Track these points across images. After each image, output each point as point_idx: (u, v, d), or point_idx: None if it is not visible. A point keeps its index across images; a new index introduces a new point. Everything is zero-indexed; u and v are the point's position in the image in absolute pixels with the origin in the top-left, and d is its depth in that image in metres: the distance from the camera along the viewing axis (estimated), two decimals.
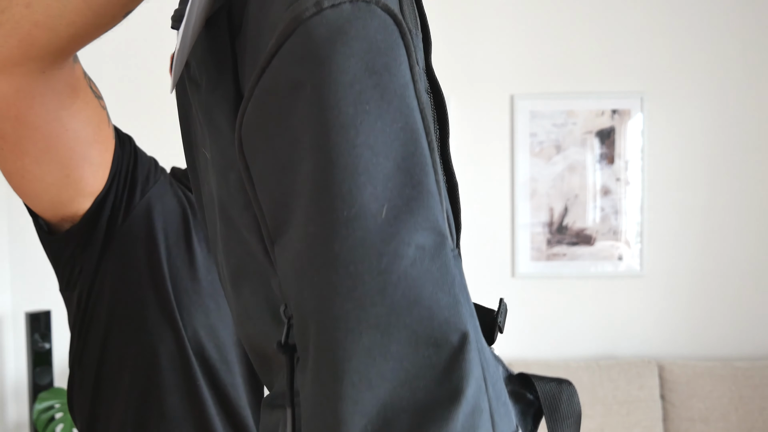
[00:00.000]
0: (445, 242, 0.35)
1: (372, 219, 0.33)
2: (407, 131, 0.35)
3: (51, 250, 0.78)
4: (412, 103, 0.35)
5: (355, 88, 0.34)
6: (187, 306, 0.79)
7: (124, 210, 0.77)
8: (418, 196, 0.34)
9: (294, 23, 0.34)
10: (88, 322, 0.79)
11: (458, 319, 0.33)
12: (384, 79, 0.34)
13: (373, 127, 0.34)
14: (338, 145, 0.33)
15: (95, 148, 0.71)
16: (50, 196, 0.70)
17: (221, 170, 0.44)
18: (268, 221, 0.37)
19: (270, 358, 0.43)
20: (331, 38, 0.34)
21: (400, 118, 0.34)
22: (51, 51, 0.55)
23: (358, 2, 0.34)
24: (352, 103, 0.33)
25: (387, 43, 0.35)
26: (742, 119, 2.62)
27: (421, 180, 0.34)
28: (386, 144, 0.34)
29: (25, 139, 0.63)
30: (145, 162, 0.81)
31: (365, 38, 0.34)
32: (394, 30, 0.35)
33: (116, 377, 0.79)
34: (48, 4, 0.51)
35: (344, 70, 0.34)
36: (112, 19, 0.54)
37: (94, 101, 0.69)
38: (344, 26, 0.34)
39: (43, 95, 0.60)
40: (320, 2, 0.34)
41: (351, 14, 0.34)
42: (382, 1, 0.35)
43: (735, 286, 2.63)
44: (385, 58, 0.35)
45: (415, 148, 0.35)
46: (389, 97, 0.34)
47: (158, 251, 0.79)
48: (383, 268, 0.33)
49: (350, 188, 0.33)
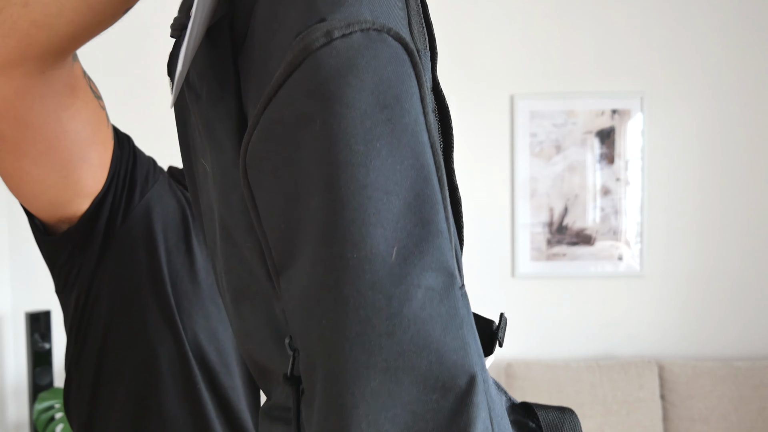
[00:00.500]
0: (453, 282, 0.34)
1: (381, 261, 0.32)
2: (417, 168, 0.34)
3: (47, 252, 0.77)
4: (422, 137, 0.35)
5: (366, 124, 0.33)
6: (188, 309, 0.79)
7: (123, 211, 0.76)
8: (427, 237, 0.33)
9: (303, 53, 0.33)
10: (86, 325, 0.78)
11: (466, 362, 0.33)
12: (395, 114, 0.34)
13: (384, 165, 0.33)
14: (348, 185, 0.32)
15: (94, 149, 0.70)
16: (48, 197, 0.69)
17: (223, 189, 0.43)
18: (273, 252, 0.37)
19: (270, 372, 0.42)
20: (342, 71, 0.33)
21: (411, 155, 0.34)
22: (50, 51, 0.54)
23: (369, 31, 0.34)
24: (362, 141, 0.33)
25: (398, 75, 0.34)
26: (742, 119, 2.62)
27: (431, 219, 0.34)
28: (396, 183, 0.33)
29: (24, 140, 0.62)
30: (144, 162, 0.80)
31: (376, 70, 0.34)
32: (405, 60, 0.35)
33: (115, 381, 0.78)
34: (46, 3, 0.50)
35: (355, 105, 0.33)
36: (112, 16, 0.53)
37: (94, 102, 0.69)
38: (355, 58, 0.33)
39: (43, 96, 0.59)
40: (330, 32, 0.33)
41: (362, 44, 0.34)
42: (394, 30, 0.35)
43: (735, 286, 2.63)
44: (396, 90, 0.34)
45: (426, 185, 0.34)
46: (400, 133, 0.34)
47: (158, 253, 0.78)
48: (393, 311, 0.32)
49: (360, 230, 0.32)
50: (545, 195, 2.62)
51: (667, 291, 2.63)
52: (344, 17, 0.34)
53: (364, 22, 0.34)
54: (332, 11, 0.34)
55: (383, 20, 0.35)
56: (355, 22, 0.34)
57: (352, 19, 0.34)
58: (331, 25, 0.33)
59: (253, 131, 0.36)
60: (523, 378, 2.45)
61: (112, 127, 0.75)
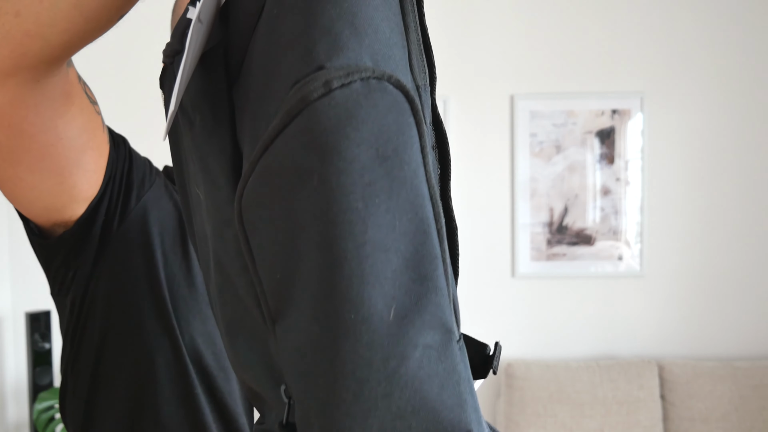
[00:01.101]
0: (451, 338, 0.34)
1: (379, 321, 0.32)
2: (416, 222, 0.33)
3: (42, 255, 0.76)
4: (422, 189, 0.34)
5: (365, 179, 0.32)
6: (185, 314, 0.78)
7: (119, 215, 0.76)
8: (426, 293, 0.33)
9: (301, 104, 0.33)
10: (82, 329, 0.77)
11: (462, 419, 0.33)
12: (395, 167, 0.33)
13: (383, 222, 0.32)
14: (346, 243, 0.32)
15: (89, 154, 0.70)
16: (43, 202, 0.69)
17: (217, 224, 0.42)
18: (269, 299, 0.36)
19: (264, 399, 0.42)
20: (340, 123, 0.32)
21: (410, 209, 0.33)
22: (44, 60, 0.53)
23: (369, 80, 0.33)
24: (360, 197, 0.32)
25: (398, 125, 0.33)
26: (742, 119, 2.62)
27: (429, 275, 0.33)
28: (395, 239, 0.33)
29: (19, 148, 0.61)
30: (140, 164, 0.79)
31: (376, 121, 0.33)
32: (406, 108, 0.34)
33: (111, 385, 0.77)
34: (38, 13, 0.49)
35: (353, 159, 0.32)
36: (107, 23, 0.52)
37: (89, 107, 0.68)
38: (354, 109, 0.32)
39: (38, 104, 0.58)
40: (329, 82, 0.32)
41: (361, 94, 0.33)
42: (395, 77, 0.34)
43: (735, 286, 2.63)
44: (396, 142, 0.33)
45: (425, 240, 0.34)
46: (399, 187, 0.33)
47: (155, 258, 0.78)
48: (390, 372, 0.32)
49: (358, 291, 0.32)
50: (545, 195, 2.62)
51: (667, 291, 2.63)
52: (343, 64, 0.33)
53: (364, 70, 0.33)
54: (331, 57, 0.33)
55: (383, 64, 0.35)
56: (354, 71, 0.33)
57: (351, 68, 0.33)
58: (330, 75, 0.32)
59: (248, 178, 0.35)
60: (523, 378, 2.45)
61: (107, 130, 0.75)
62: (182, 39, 0.39)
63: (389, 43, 0.36)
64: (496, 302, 2.64)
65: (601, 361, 2.52)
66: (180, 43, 0.39)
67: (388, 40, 0.36)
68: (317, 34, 0.34)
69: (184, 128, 0.45)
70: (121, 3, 0.50)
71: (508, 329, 2.64)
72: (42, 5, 0.48)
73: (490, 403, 2.64)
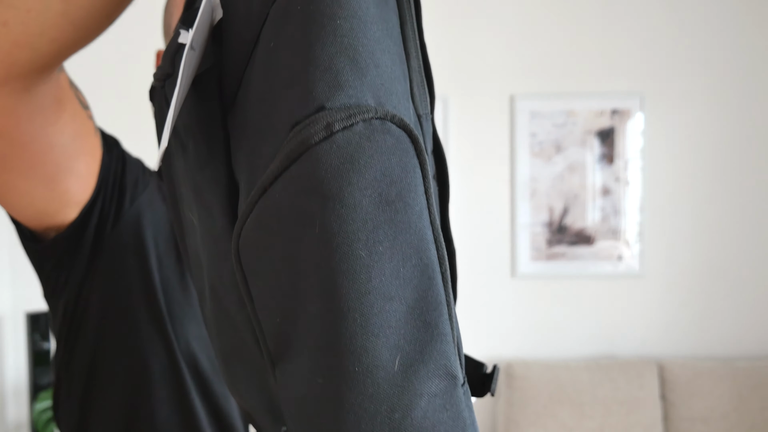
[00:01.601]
0: (456, 384, 0.33)
1: (384, 372, 0.31)
2: (421, 267, 0.32)
3: (35, 258, 0.76)
4: (426, 233, 0.33)
5: (368, 226, 0.31)
6: (179, 317, 0.78)
7: (112, 218, 0.75)
8: (430, 341, 0.32)
9: (301, 148, 0.31)
10: (75, 332, 0.77)
11: None
12: (398, 211, 0.32)
13: (386, 270, 0.31)
14: (349, 293, 0.31)
15: (82, 160, 0.69)
16: (35, 208, 0.69)
17: (213, 255, 0.41)
18: (269, 341, 0.35)
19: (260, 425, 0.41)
20: (342, 168, 0.31)
21: (415, 254, 0.32)
22: (34, 69, 0.52)
23: (372, 120, 0.32)
24: (364, 245, 0.31)
25: (402, 166, 0.32)
26: (742, 119, 2.61)
27: (435, 321, 0.32)
28: (400, 286, 0.32)
29: (10, 156, 0.61)
30: (133, 166, 0.79)
31: (378, 164, 0.32)
32: (409, 148, 0.33)
33: (106, 389, 0.77)
34: (26, 23, 0.48)
35: (356, 206, 0.31)
36: (97, 30, 0.51)
37: (81, 113, 0.67)
38: (356, 152, 0.31)
39: (30, 113, 0.57)
40: (331, 125, 0.31)
41: (364, 136, 0.32)
42: (398, 117, 0.33)
43: (735, 286, 2.63)
44: (400, 186, 0.32)
45: (429, 286, 0.33)
46: (403, 232, 0.32)
47: (149, 261, 0.77)
48: (395, 424, 0.31)
49: (362, 342, 0.31)
50: (545, 195, 2.62)
51: (666, 291, 2.63)
52: (345, 104, 0.32)
53: (366, 111, 0.32)
54: (331, 97, 0.32)
55: (385, 100, 0.34)
56: (356, 112, 0.32)
57: (353, 108, 0.32)
58: (332, 117, 0.31)
59: (246, 218, 0.34)
60: (523, 378, 2.45)
61: (100, 133, 0.74)
62: (173, 62, 0.38)
63: (391, 76, 0.35)
64: (496, 302, 2.64)
65: (601, 361, 2.52)
66: (171, 66, 0.38)
67: (390, 73, 0.35)
68: (317, 71, 0.33)
69: (176, 150, 0.43)
70: (110, 9, 0.49)
71: (508, 329, 2.64)
72: (30, 15, 0.47)
73: (490, 403, 2.64)
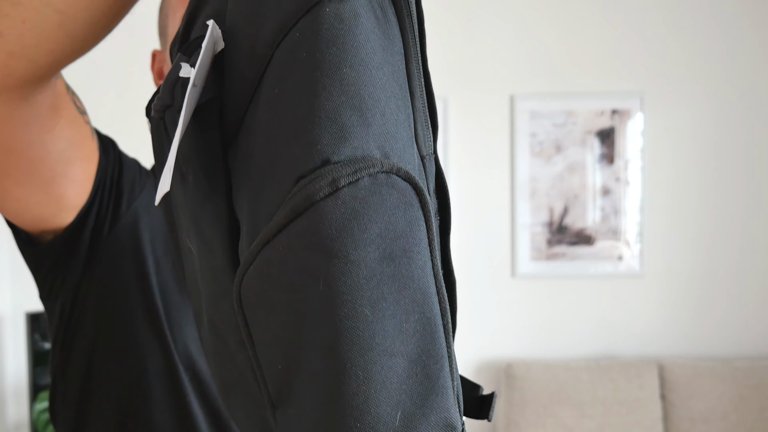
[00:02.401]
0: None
1: (385, 428, 0.31)
2: (424, 322, 0.32)
3: (31, 260, 0.76)
4: (429, 286, 0.33)
5: (371, 283, 0.31)
6: (178, 321, 0.78)
7: (109, 221, 0.75)
8: (431, 394, 0.32)
9: (306, 203, 0.31)
10: (72, 335, 0.77)
11: None
12: (402, 266, 0.32)
13: (389, 326, 0.31)
14: (351, 350, 0.31)
15: (78, 165, 0.69)
16: (31, 213, 0.68)
17: (212, 291, 0.40)
18: (270, 386, 0.35)
19: None
20: (347, 225, 0.31)
21: (417, 309, 0.32)
22: (30, 79, 0.52)
23: (377, 175, 0.32)
24: (367, 302, 0.31)
25: (407, 221, 0.32)
26: (742, 119, 2.61)
27: (435, 375, 0.33)
28: (402, 341, 0.32)
29: (5, 163, 0.61)
30: (130, 168, 0.78)
31: (383, 219, 0.32)
32: (414, 201, 0.33)
33: (103, 392, 0.77)
34: (21, 34, 0.47)
35: (360, 262, 0.31)
36: (94, 41, 0.50)
37: (78, 118, 0.67)
38: (361, 208, 0.31)
39: (26, 121, 0.57)
40: (336, 181, 0.31)
41: (369, 190, 0.31)
42: (403, 169, 0.32)
43: (735, 286, 2.62)
44: (404, 240, 0.32)
45: (432, 340, 0.33)
46: (406, 287, 0.32)
47: (146, 265, 0.77)
48: None
49: (364, 398, 0.31)
50: (545, 195, 2.62)
51: (666, 291, 2.63)
52: (350, 157, 0.32)
53: (372, 165, 0.32)
54: (337, 150, 0.32)
55: (390, 149, 0.33)
56: (362, 167, 0.31)
57: (359, 163, 0.32)
58: (337, 173, 0.31)
59: (248, 266, 0.34)
60: (523, 378, 2.45)
61: (96, 136, 0.74)
62: (173, 93, 0.37)
63: (396, 122, 0.34)
64: (496, 302, 2.64)
65: (601, 361, 2.52)
66: (170, 98, 0.37)
67: (395, 119, 0.34)
68: (322, 122, 0.32)
69: (174, 178, 0.43)
70: (107, 21, 0.49)
71: (508, 329, 2.64)
72: (25, 26, 0.47)
73: None
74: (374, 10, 0.35)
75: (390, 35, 0.36)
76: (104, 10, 0.47)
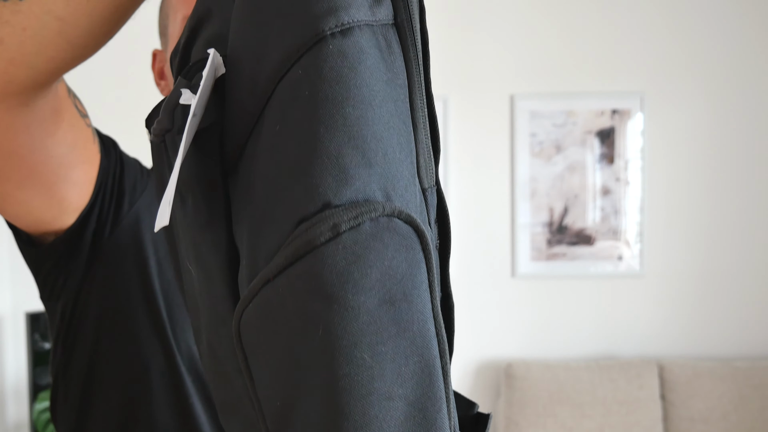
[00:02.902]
0: None
1: None
2: (422, 365, 0.33)
3: (32, 261, 0.76)
4: (429, 330, 0.33)
5: (371, 329, 0.31)
6: (180, 321, 0.78)
7: (111, 222, 0.75)
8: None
9: (307, 247, 0.31)
10: (73, 336, 0.77)
11: None
12: (402, 310, 0.32)
13: (388, 370, 0.31)
14: (350, 394, 0.31)
15: (79, 168, 0.69)
16: (32, 216, 0.68)
17: (211, 317, 0.40)
18: (267, 420, 0.35)
19: None
20: (348, 270, 0.31)
21: (416, 352, 0.32)
22: (31, 86, 0.52)
23: (379, 219, 0.31)
24: (367, 347, 0.31)
25: (408, 264, 0.32)
26: (742, 119, 2.61)
27: (432, 417, 0.33)
28: (401, 386, 0.32)
29: (7, 168, 0.61)
30: (131, 168, 0.78)
31: (384, 263, 0.31)
32: (415, 244, 0.33)
33: (104, 393, 0.77)
34: (22, 42, 0.47)
35: (360, 308, 0.31)
36: (94, 48, 0.50)
37: (79, 122, 0.67)
38: (362, 252, 0.31)
39: (27, 126, 0.57)
40: (337, 226, 0.31)
41: (370, 235, 0.31)
42: (405, 212, 0.32)
43: (735, 286, 2.63)
44: (404, 284, 0.32)
45: (430, 383, 0.33)
46: (405, 331, 0.32)
47: (148, 265, 0.77)
48: None
49: None
50: (545, 195, 2.62)
51: (666, 291, 2.63)
52: (352, 200, 0.32)
53: (374, 209, 0.31)
54: (339, 192, 0.32)
55: (392, 189, 0.33)
56: (364, 211, 0.31)
57: (360, 207, 0.31)
58: (338, 218, 0.31)
59: (248, 303, 0.34)
60: (523, 378, 2.45)
61: (98, 137, 0.74)
62: (173, 118, 0.37)
63: (399, 160, 0.34)
64: (496, 302, 2.64)
65: (601, 361, 2.52)
66: (170, 122, 0.37)
67: (398, 158, 0.34)
68: (324, 163, 0.32)
69: (174, 200, 0.42)
70: (108, 28, 0.48)
71: (508, 329, 2.64)
72: (26, 33, 0.47)
73: (490, 403, 2.64)
74: (378, 44, 0.34)
75: (394, 68, 0.35)
76: (105, 17, 0.47)
